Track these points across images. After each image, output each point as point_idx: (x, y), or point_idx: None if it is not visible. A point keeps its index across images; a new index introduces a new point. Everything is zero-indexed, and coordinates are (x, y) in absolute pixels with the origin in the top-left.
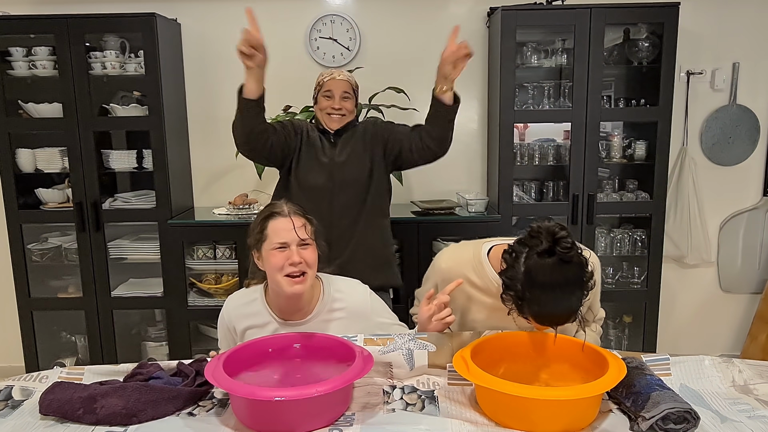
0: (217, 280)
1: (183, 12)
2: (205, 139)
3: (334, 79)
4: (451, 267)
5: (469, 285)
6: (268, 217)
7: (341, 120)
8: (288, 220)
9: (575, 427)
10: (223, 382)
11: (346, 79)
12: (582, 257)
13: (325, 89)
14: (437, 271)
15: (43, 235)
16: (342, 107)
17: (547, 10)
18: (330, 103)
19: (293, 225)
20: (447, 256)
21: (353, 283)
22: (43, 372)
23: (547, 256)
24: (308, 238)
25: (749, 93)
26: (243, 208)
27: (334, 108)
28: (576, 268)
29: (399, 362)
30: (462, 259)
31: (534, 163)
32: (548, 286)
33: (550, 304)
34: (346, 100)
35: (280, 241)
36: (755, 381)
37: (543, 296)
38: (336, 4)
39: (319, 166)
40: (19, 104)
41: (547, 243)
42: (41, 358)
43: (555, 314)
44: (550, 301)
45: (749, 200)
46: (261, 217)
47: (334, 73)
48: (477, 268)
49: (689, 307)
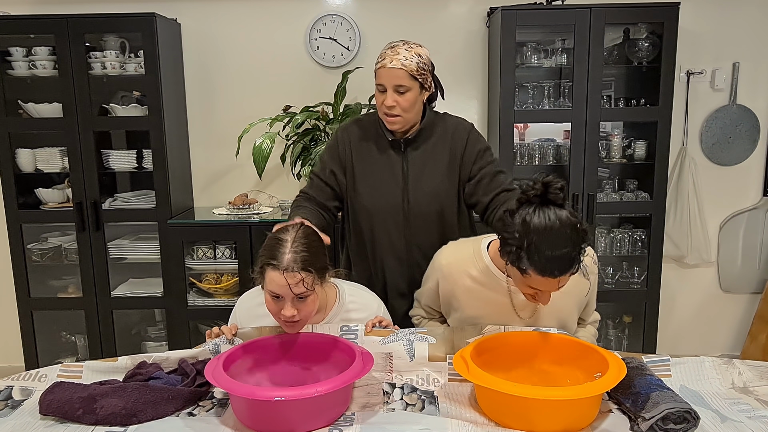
0: (217, 280)
1: (183, 12)
2: (205, 139)
3: (384, 68)
4: (451, 263)
5: (470, 279)
6: (266, 264)
7: (401, 121)
8: (281, 276)
9: (575, 427)
10: (222, 382)
11: (400, 65)
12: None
13: (377, 81)
14: (437, 268)
15: (43, 235)
16: (396, 104)
17: (547, 10)
18: (382, 99)
19: (287, 282)
20: (447, 253)
21: (361, 286)
22: (42, 369)
23: (540, 203)
24: (306, 290)
25: (749, 93)
26: (243, 208)
27: (386, 105)
28: (568, 212)
29: (399, 352)
30: (462, 256)
31: (534, 163)
32: (543, 229)
33: (548, 248)
34: (402, 95)
35: (274, 292)
36: (755, 383)
37: (540, 241)
38: (336, 4)
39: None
40: (19, 104)
41: (539, 189)
42: (41, 358)
43: (555, 257)
44: (548, 244)
45: (749, 200)
46: (261, 255)
47: (385, 59)
48: (477, 262)
49: (689, 307)
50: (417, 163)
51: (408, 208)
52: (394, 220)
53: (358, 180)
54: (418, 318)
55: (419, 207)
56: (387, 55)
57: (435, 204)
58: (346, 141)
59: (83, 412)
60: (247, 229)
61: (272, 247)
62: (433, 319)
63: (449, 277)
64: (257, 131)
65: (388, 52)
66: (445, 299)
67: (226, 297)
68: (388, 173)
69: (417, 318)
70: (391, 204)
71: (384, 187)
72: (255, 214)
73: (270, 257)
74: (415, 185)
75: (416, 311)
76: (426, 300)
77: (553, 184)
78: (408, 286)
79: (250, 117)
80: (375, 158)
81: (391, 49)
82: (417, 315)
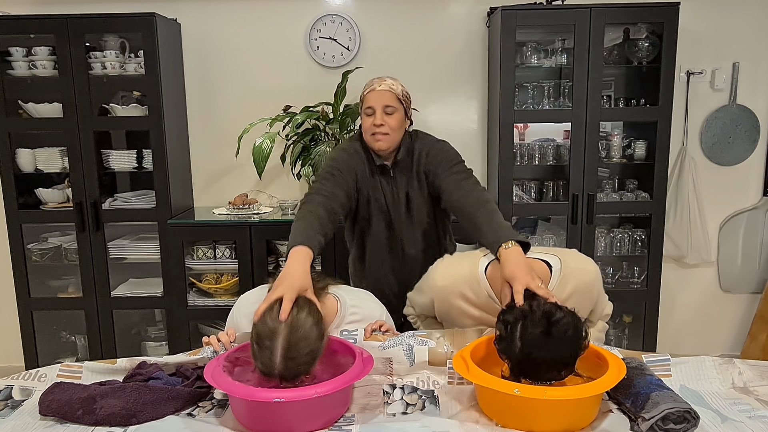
0: (217, 280)
1: (183, 12)
2: (205, 139)
3: (374, 91)
4: (447, 285)
5: (466, 302)
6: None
7: (388, 140)
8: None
9: (575, 427)
10: (222, 383)
11: (388, 88)
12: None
13: (366, 105)
14: (432, 287)
15: (43, 235)
16: (385, 123)
17: (547, 10)
18: (371, 120)
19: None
20: (443, 272)
21: (366, 295)
22: (42, 369)
23: (543, 335)
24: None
25: (749, 93)
26: (243, 208)
27: (375, 125)
28: (571, 342)
29: (399, 357)
30: (458, 277)
31: (534, 163)
32: (543, 361)
33: (545, 371)
34: (390, 115)
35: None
36: (755, 383)
37: (538, 366)
38: (336, 4)
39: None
40: (19, 104)
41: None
42: (41, 358)
43: (549, 378)
44: (545, 369)
45: (749, 200)
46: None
47: (374, 84)
48: (474, 286)
49: (689, 307)
50: (399, 189)
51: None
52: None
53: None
54: (413, 317)
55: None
56: (374, 83)
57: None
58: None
59: (83, 412)
60: (247, 229)
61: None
62: (428, 318)
63: (445, 298)
64: (257, 131)
65: (375, 80)
66: (442, 315)
67: (226, 297)
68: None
69: (412, 317)
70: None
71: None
72: (255, 214)
73: (262, 365)
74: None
75: (409, 311)
76: (421, 309)
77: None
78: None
79: (250, 117)
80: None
81: (378, 79)
82: (411, 314)
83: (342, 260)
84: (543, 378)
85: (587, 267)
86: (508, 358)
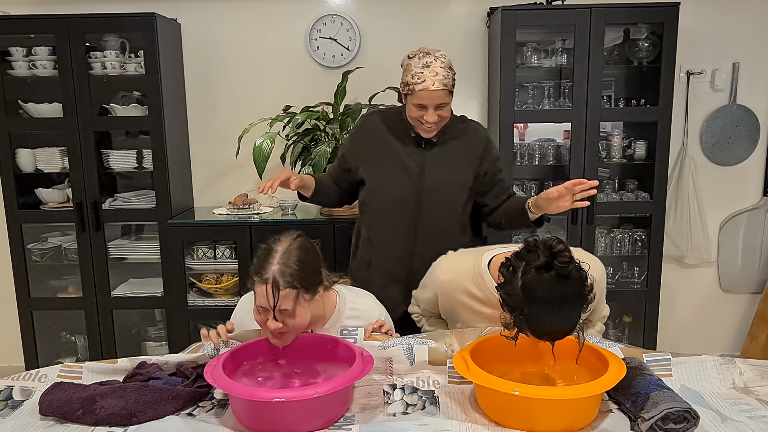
0: (217, 280)
1: (183, 12)
2: (205, 139)
3: (427, 90)
4: (451, 279)
5: (469, 297)
6: (254, 274)
7: (436, 130)
8: (264, 290)
9: (575, 426)
10: (222, 383)
11: (442, 87)
12: (581, 271)
13: (416, 101)
14: (436, 282)
15: (43, 235)
16: (438, 117)
17: (547, 10)
18: (421, 114)
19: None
20: (446, 268)
21: (366, 294)
22: (42, 369)
23: (545, 271)
24: (290, 309)
25: (749, 93)
26: (243, 208)
27: (426, 121)
28: (575, 282)
29: (399, 357)
30: (461, 271)
31: (534, 163)
32: (547, 302)
33: (548, 320)
34: (441, 108)
35: (260, 305)
36: (756, 383)
37: (542, 313)
38: (336, 4)
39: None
40: (19, 104)
41: (545, 258)
42: (41, 358)
43: (554, 330)
44: (549, 317)
45: (749, 200)
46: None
47: (426, 80)
48: (477, 279)
49: (689, 307)
50: (436, 158)
51: (421, 196)
52: (406, 206)
53: (373, 167)
54: (417, 315)
55: (432, 194)
56: (426, 77)
57: (447, 193)
58: (369, 127)
59: (83, 412)
60: (247, 229)
61: (262, 257)
62: (432, 317)
63: (448, 293)
64: (257, 131)
65: (426, 72)
66: (446, 311)
67: (226, 297)
68: (406, 163)
69: (416, 315)
70: (404, 191)
71: (400, 176)
72: (255, 214)
73: (258, 267)
74: (431, 175)
75: (414, 309)
76: (425, 306)
77: (560, 255)
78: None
79: (250, 117)
80: (397, 150)
81: (427, 69)
82: (416, 313)
83: (342, 259)
84: (546, 332)
85: (593, 263)
86: (509, 307)
